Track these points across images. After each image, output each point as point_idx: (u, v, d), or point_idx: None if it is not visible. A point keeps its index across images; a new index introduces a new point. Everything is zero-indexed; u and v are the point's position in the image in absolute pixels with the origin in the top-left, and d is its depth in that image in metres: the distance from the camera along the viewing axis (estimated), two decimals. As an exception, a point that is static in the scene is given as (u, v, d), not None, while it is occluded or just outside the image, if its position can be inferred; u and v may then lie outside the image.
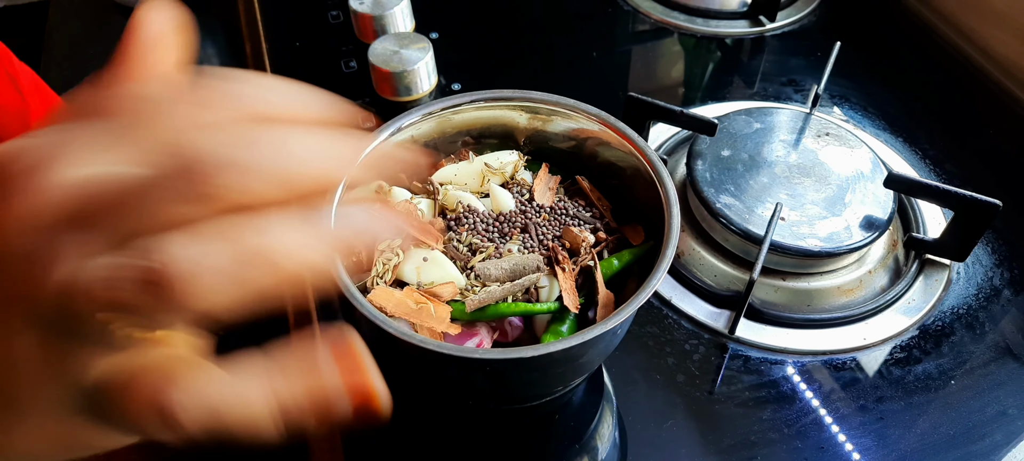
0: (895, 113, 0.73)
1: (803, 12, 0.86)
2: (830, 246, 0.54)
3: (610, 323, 0.36)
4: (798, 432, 0.49)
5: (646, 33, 0.85)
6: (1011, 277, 0.59)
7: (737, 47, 0.82)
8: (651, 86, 0.78)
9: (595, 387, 0.52)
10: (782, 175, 0.59)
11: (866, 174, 0.59)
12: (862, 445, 0.48)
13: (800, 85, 0.76)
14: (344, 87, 0.75)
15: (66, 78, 0.88)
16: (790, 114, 0.65)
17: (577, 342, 0.36)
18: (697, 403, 0.50)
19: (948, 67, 0.79)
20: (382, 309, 0.40)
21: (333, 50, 0.79)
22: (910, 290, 0.57)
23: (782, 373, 0.52)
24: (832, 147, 0.61)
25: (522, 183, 0.50)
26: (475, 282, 0.44)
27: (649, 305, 0.56)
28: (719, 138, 0.61)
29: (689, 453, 0.48)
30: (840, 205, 0.57)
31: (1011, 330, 0.55)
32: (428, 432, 0.50)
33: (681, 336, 0.54)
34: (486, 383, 0.45)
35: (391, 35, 0.73)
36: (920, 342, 0.54)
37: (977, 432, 0.49)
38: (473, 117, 0.50)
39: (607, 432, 0.50)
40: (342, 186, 0.42)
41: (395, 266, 0.44)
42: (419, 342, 0.36)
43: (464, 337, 0.43)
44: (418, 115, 0.48)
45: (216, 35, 0.95)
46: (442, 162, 0.51)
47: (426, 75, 0.72)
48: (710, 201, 0.57)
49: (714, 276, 0.58)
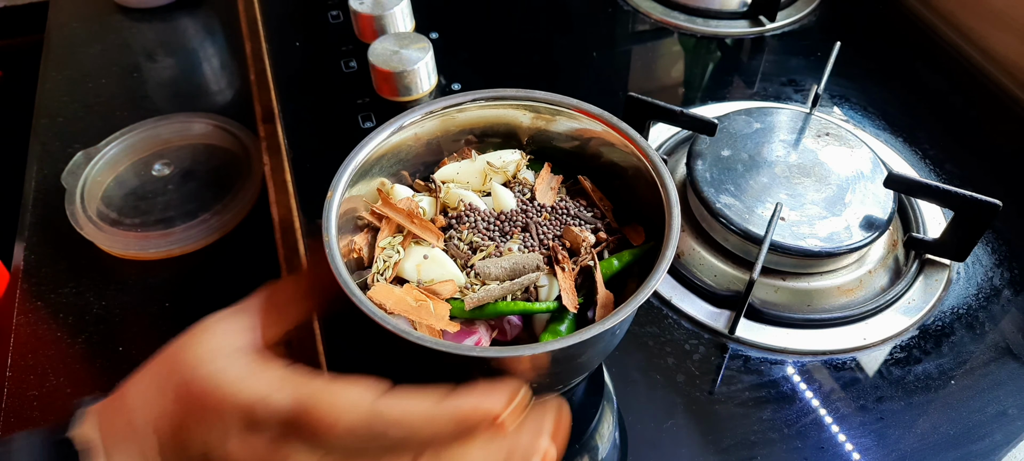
0: (895, 113, 0.73)
1: (803, 12, 0.86)
2: (830, 246, 0.54)
3: (608, 323, 0.36)
4: (798, 432, 0.49)
5: (646, 33, 0.85)
6: (1011, 277, 0.59)
7: (737, 47, 0.83)
8: (651, 86, 0.78)
9: (595, 387, 0.52)
10: (782, 175, 0.59)
11: (866, 174, 0.59)
12: (862, 445, 0.48)
13: (800, 85, 0.76)
14: (344, 87, 0.75)
15: (66, 78, 0.88)
16: (790, 114, 0.65)
17: (575, 341, 0.36)
18: (697, 403, 0.50)
19: (948, 67, 0.79)
20: (382, 306, 0.40)
21: (333, 50, 0.79)
22: (910, 290, 0.57)
23: (782, 373, 0.52)
24: (832, 147, 0.61)
25: (524, 182, 0.50)
26: (475, 280, 0.44)
27: (649, 305, 0.56)
28: (719, 138, 0.61)
29: (689, 453, 0.48)
30: (840, 205, 0.57)
31: (1011, 330, 0.55)
32: (427, 431, 0.50)
33: (681, 336, 0.54)
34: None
35: (391, 35, 0.73)
36: (920, 342, 0.54)
37: (977, 432, 0.49)
38: (476, 116, 0.50)
39: (607, 432, 0.50)
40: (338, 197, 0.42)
41: (395, 263, 0.44)
42: (417, 339, 0.36)
43: (463, 335, 0.43)
44: (419, 114, 0.48)
45: (216, 35, 0.95)
46: (445, 160, 0.51)
47: (426, 75, 0.72)
48: (710, 201, 0.57)
49: (714, 276, 0.58)
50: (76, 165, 0.73)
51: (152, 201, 0.73)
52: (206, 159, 0.77)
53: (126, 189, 0.74)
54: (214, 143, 0.78)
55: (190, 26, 0.97)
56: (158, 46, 0.93)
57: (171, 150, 0.78)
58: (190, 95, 0.86)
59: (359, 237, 0.47)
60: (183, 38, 0.95)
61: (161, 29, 0.96)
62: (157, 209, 0.72)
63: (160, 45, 0.94)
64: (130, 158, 0.77)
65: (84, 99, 0.85)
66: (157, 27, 0.96)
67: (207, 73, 0.90)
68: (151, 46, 0.93)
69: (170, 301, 0.65)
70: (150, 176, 0.75)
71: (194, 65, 0.91)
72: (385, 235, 0.46)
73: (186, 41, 0.94)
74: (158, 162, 0.76)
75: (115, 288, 0.66)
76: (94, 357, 0.61)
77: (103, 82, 0.87)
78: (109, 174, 0.75)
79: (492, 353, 0.36)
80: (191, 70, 0.90)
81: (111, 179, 0.75)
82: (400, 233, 0.47)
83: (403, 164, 0.50)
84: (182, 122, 0.79)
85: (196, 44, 0.94)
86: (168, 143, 0.78)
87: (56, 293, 0.66)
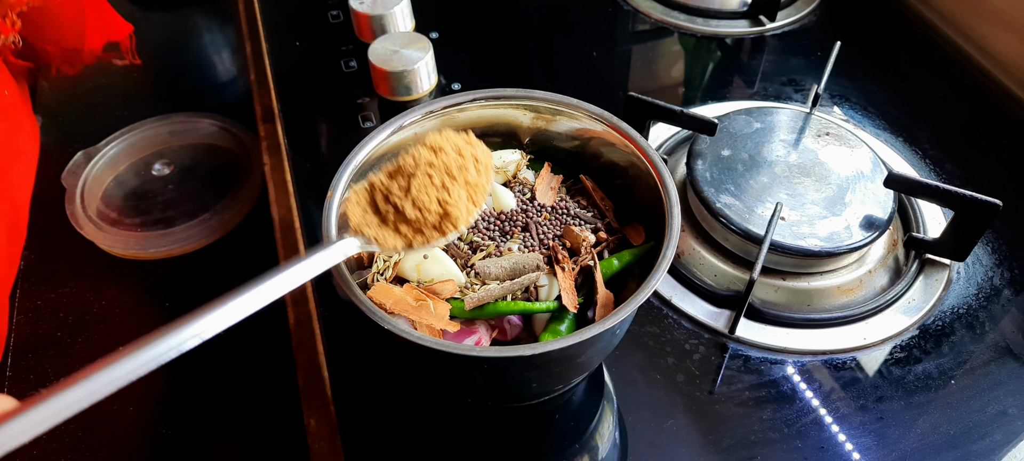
0: (895, 113, 0.73)
1: (803, 12, 0.86)
2: (830, 246, 0.54)
3: (608, 323, 0.36)
4: (798, 432, 0.49)
5: (646, 33, 0.85)
6: (1011, 277, 0.59)
7: (737, 47, 0.83)
8: (651, 86, 0.78)
9: (595, 386, 0.52)
10: (782, 175, 0.59)
11: (866, 174, 0.59)
12: (862, 445, 0.48)
13: (800, 85, 0.76)
14: (344, 87, 0.75)
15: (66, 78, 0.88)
16: (790, 114, 0.65)
17: (574, 341, 0.36)
18: (697, 403, 0.50)
19: (948, 67, 0.79)
20: (382, 306, 0.40)
21: (333, 50, 0.79)
22: (910, 290, 0.57)
23: (782, 373, 0.52)
24: (832, 147, 0.61)
25: (524, 182, 0.50)
26: (475, 280, 0.44)
27: (649, 305, 0.56)
28: (719, 138, 0.61)
29: (689, 453, 0.48)
30: (840, 205, 0.57)
31: (1011, 330, 0.55)
32: (428, 430, 0.50)
33: (681, 336, 0.54)
34: (484, 381, 0.45)
35: (391, 35, 0.73)
36: (920, 342, 0.54)
37: (977, 432, 0.49)
38: (477, 116, 0.50)
39: (607, 432, 0.50)
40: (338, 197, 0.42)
41: (396, 263, 0.44)
42: (417, 339, 0.36)
43: (463, 335, 0.43)
44: (420, 113, 0.48)
45: (216, 35, 0.95)
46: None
47: (426, 75, 0.72)
48: (710, 201, 0.57)
49: (714, 276, 0.58)
50: (76, 165, 0.73)
51: (152, 201, 0.73)
52: (206, 159, 0.77)
53: (126, 189, 0.74)
54: (214, 143, 0.78)
55: (190, 26, 0.97)
56: (158, 46, 0.93)
57: (171, 150, 0.78)
58: (190, 95, 0.86)
59: (359, 237, 0.47)
60: (183, 38, 0.95)
61: (161, 29, 0.96)
62: (157, 209, 0.72)
63: (160, 45, 0.94)
64: (130, 158, 0.77)
65: (84, 99, 0.85)
66: (157, 27, 0.96)
67: (207, 73, 0.91)
68: (151, 46, 0.93)
69: (170, 301, 0.65)
70: (150, 176, 0.75)
71: (194, 65, 0.91)
72: (385, 235, 0.46)
73: (186, 41, 0.95)
74: (158, 162, 0.76)
75: (115, 288, 0.66)
76: (94, 357, 0.61)
77: (103, 82, 0.87)
78: (109, 174, 0.75)
79: (492, 353, 0.36)
80: (191, 70, 0.91)
81: (111, 179, 0.75)
82: (400, 233, 0.46)
83: (403, 164, 0.50)
84: (182, 122, 0.79)
85: (196, 44, 0.94)
86: (168, 143, 0.78)
87: (56, 293, 0.66)
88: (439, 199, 0.38)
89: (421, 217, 0.37)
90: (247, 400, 0.60)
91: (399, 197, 0.38)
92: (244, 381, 0.60)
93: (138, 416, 0.57)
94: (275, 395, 0.58)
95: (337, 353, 0.53)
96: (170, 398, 0.59)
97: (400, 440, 0.49)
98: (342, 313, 0.55)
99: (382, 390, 0.52)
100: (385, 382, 0.52)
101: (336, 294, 0.56)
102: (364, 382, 0.52)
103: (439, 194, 0.38)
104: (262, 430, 0.58)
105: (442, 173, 0.38)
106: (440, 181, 0.38)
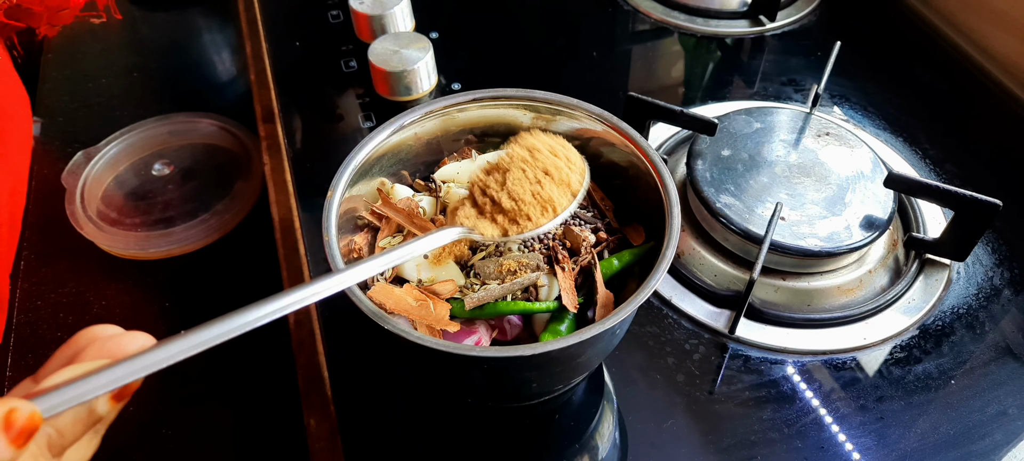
0: (895, 113, 0.73)
1: (803, 12, 0.86)
2: (830, 246, 0.54)
3: (608, 323, 0.36)
4: (798, 432, 0.49)
5: (646, 33, 0.85)
6: (1011, 277, 0.59)
7: (737, 47, 0.82)
8: (651, 86, 0.78)
9: (595, 386, 0.52)
10: (782, 175, 0.59)
11: (866, 174, 0.59)
12: (862, 445, 0.48)
13: (800, 85, 0.76)
14: (344, 87, 0.75)
15: (66, 77, 0.88)
16: (790, 114, 0.65)
17: (574, 341, 0.36)
18: (697, 403, 0.50)
19: (948, 67, 0.79)
20: (382, 306, 0.40)
21: (333, 50, 0.79)
22: (910, 290, 0.57)
23: (782, 373, 0.52)
24: (832, 147, 0.61)
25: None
26: (475, 280, 0.44)
27: (649, 305, 0.56)
28: (719, 138, 0.61)
29: (689, 453, 0.48)
30: (840, 205, 0.57)
31: (1011, 330, 0.55)
32: (428, 430, 0.50)
33: (681, 336, 0.54)
34: (484, 381, 0.45)
35: (391, 35, 0.73)
36: (920, 342, 0.54)
37: (977, 432, 0.49)
38: (477, 116, 0.50)
39: (607, 432, 0.50)
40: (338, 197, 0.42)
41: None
42: (417, 339, 0.36)
43: (463, 335, 0.43)
44: (419, 113, 0.48)
45: (216, 35, 0.95)
46: (445, 160, 0.51)
47: (426, 75, 0.72)
48: (710, 201, 0.57)
49: (714, 276, 0.58)
50: (76, 165, 0.73)
51: (152, 201, 0.73)
52: (206, 159, 0.77)
53: (126, 189, 0.74)
54: (214, 143, 0.78)
55: (190, 26, 0.97)
56: (158, 46, 0.93)
57: (171, 150, 0.78)
58: (190, 95, 0.86)
59: (359, 237, 0.47)
60: (183, 38, 0.95)
61: (161, 29, 0.96)
62: (157, 209, 0.72)
63: (160, 45, 0.94)
64: (130, 158, 0.77)
65: (84, 99, 0.85)
66: (157, 27, 0.96)
67: (207, 73, 0.90)
68: (151, 46, 0.93)
69: (170, 301, 0.65)
70: (150, 176, 0.75)
71: (194, 65, 0.91)
72: (385, 235, 0.46)
73: (186, 41, 0.94)
74: (158, 162, 0.76)
75: (115, 288, 0.66)
76: (94, 357, 0.61)
77: (103, 82, 0.87)
78: (109, 174, 0.75)
79: (492, 353, 0.36)
80: (191, 70, 0.90)
81: (111, 179, 0.75)
82: (400, 233, 0.47)
83: (403, 164, 0.50)
84: (182, 122, 0.79)
85: (196, 44, 0.94)
86: (168, 143, 0.78)
87: (56, 293, 0.66)
88: (533, 192, 0.41)
89: (516, 208, 0.41)
90: (247, 400, 0.60)
91: (495, 190, 0.42)
92: (244, 381, 0.60)
93: (138, 416, 0.57)
94: (275, 395, 0.58)
95: (337, 353, 0.53)
96: (170, 398, 0.59)
97: (400, 440, 0.49)
98: (342, 313, 0.55)
99: (382, 390, 0.52)
100: (385, 382, 0.52)
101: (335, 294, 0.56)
102: (364, 382, 0.52)
103: (533, 187, 0.42)
104: (262, 430, 0.58)
105: (537, 170, 0.42)
106: (534, 176, 0.42)
